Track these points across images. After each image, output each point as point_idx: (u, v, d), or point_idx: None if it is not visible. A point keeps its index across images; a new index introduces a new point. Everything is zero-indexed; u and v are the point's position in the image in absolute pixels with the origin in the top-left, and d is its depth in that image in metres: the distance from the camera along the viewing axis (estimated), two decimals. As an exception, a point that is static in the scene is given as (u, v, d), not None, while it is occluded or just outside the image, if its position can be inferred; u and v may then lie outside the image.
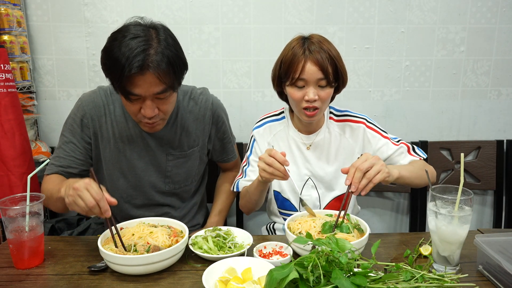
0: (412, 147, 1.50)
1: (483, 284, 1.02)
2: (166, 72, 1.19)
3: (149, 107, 1.23)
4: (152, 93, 1.21)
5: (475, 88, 2.14)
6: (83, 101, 1.43)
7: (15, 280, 1.07)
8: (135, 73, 1.15)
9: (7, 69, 1.68)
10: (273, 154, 1.23)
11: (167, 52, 1.19)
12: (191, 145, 1.49)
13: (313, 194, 1.51)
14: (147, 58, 1.15)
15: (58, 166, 1.40)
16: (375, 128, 1.50)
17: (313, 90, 1.33)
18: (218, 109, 1.54)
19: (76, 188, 1.07)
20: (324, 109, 1.42)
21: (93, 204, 1.05)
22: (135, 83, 1.18)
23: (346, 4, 2.01)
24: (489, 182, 2.10)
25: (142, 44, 1.15)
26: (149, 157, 1.45)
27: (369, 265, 0.89)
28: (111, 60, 1.17)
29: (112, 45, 1.18)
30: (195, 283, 1.04)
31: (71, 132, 1.41)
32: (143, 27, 1.20)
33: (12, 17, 1.79)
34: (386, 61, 2.09)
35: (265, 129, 1.55)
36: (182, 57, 1.26)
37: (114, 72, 1.18)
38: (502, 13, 2.05)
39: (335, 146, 1.50)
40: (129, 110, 1.29)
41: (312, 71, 1.31)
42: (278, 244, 1.20)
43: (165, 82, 1.20)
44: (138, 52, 1.14)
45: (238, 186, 1.53)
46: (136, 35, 1.17)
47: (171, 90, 1.25)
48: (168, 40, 1.21)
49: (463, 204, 1.03)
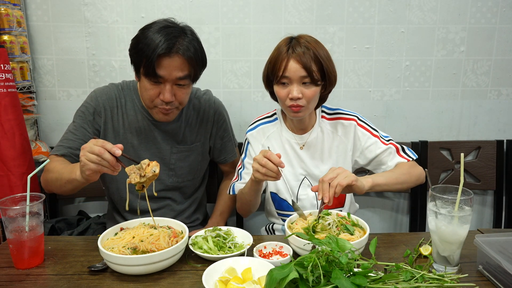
0: (402, 148, 1.50)
1: (483, 284, 1.02)
2: (192, 60, 1.33)
3: (169, 91, 1.34)
4: (175, 77, 1.33)
5: (475, 88, 2.14)
6: (97, 92, 1.52)
7: (15, 280, 1.07)
8: (165, 54, 1.28)
9: (7, 69, 1.68)
10: (268, 156, 1.23)
11: (195, 44, 1.35)
12: (193, 140, 1.58)
13: (310, 193, 1.51)
14: (178, 43, 1.31)
15: (67, 147, 1.44)
16: (366, 126, 1.50)
17: (296, 88, 1.34)
18: (219, 108, 1.63)
19: (83, 147, 1.13)
20: (312, 107, 1.42)
21: (102, 150, 1.10)
22: (162, 64, 1.30)
23: (346, 4, 2.01)
24: (489, 182, 2.10)
25: (176, 32, 1.32)
26: (155, 149, 1.52)
27: (369, 265, 0.89)
28: (145, 41, 1.30)
29: (147, 31, 1.32)
30: (195, 283, 1.04)
31: (83, 118, 1.48)
32: (175, 23, 1.37)
33: (12, 17, 1.79)
34: (386, 61, 2.09)
35: (259, 132, 1.56)
36: (204, 54, 1.41)
37: (147, 52, 1.29)
38: (502, 13, 2.05)
39: (328, 145, 1.51)
40: (148, 94, 1.37)
41: (294, 69, 1.33)
42: (278, 244, 1.20)
43: (188, 68, 1.33)
44: (171, 37, 1.30)
45: (234, 189, 1.53)
46: (170, 26, 1.34)
47: (190, 80, 1.37)
48: (195, 36, 1.38)
49: (463, 204, 1.03)
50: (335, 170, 1.23)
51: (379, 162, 1.49)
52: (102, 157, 1.10)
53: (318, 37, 1.43)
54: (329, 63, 1.37)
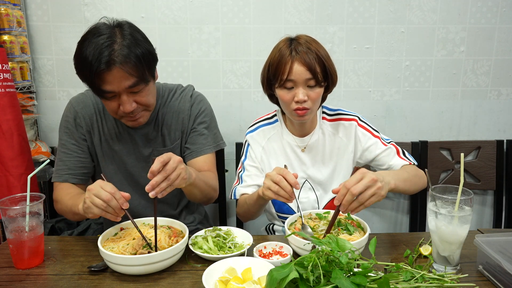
0: (402, 151, 1.48)
1: (483, 284, 1.02)
2: (134, 65, 1.20)
3: (126, 102, 1.25)
4: (124, 87, 1.22)
5: (475, 88, 2.14)
6: (73, 102, 1.47)
7: (15, 280, 1.07)
8: (103, 70, 1.17)
9: (6, 69, 1.68)
10: (284, 174, 1.17)
11: (132, 46, 1.21)
12: (173, 138, 1.49)
13: (311, 196, 1.50)
14: (112, 54, 1.17)
15: (66, 170, 1.41)
16: (367, 127, 1.49)
17: (302, 91, 1.31)
18: (197, 101, 1.51)
19: (90, 189, 1.09)
20: (315, 109, 1.40)
21: (109, 197, 1.07)
22: (105, 80, 1.20)
23: (346, 4, 2.01)
24: (489, 182, 2.10)
25: (107, 41, 1.18)
26: (137, 153, 1.47)
27: (369, 265, 0.89)
28: (80, 60, 1.21)
29: (81, 47, 1.21)
30: (195, 283, 1.04)
31: (68, 134, 1.44)
32: (107, 26, 1.23)
33: (12, 17, 1.78)
34: (386, 61, 2.09)
35: (259, 134, 1.54)
36: (149, 49, 1.27)
37: (84, 72, 1.21)
38: (502, 13, 2.05)
39: (329, 147, 1.49)
40: (109, 108, 1.31)
41: (300, 71, 1.30)
42: (278, 244, 1.20)
43: (134, 75, 1.21)
44: (103, 49, 1.17)
45: (236, 193, 1.50)
46: (100, 34, 1.20)
47: (143, 83, 1.26)
48: (133, 34, 1.24)
49: (463, 204, 1.03)
50: (364, 180, 1.08)
51: (378, 162, 1.48)
52: (109, 204, 1.08)
53: (318, 37, 1.43)
54: (330, 63, 1.36)
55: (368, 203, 1.10)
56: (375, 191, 1.09)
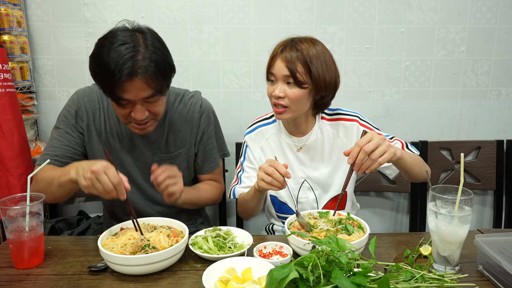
0: (406, 144, 1.48)
1: (483, 284, 1.02)
2: (154, 77, 1.20)
3: (140, 110, 1.26)
4: (141, 97, 1.23)
5: (475, 88, 2.15)
6: (79, 94, 1.46)
7: (15, 280, 1.07)
8: (124, 80, 1.16)
9: (6, 69, 1.68)
10: (275, 165, 1.22)
11: (154, 57, 1.20)
12: (178, 146, 1.49)
13: (310, 196, 1.50)
14: (135, 65, 1.16)
15: (54, 155, 1.38)
16: (369, 126, 1.48)
17: (280, 87, 1.34)
18: (206, 112, 1.52)
19: (94, 171, 1.07)
20: (296, 110, 1.36)
21: (111, 188, 1.08)
22: (124, 89, 1.19)
23: (346, 4, 2.01)
24: (489, 182, 2.10)
25: (130, 51, 1.17)
26: (137, 154, 1.47)
27: (369, 265, 0.89)
28: (101, 66, 1.18)
29: (101, 52, 1.19)
30: (195, 283, 1.04)
31: (65, 123, 1.43)
32: (130, 33, 1.22)
33: (12, 17, 1.78)
34: (386, 61, 2.09)
35: (257, 134, 1.54)
36: (169, 60, 1.27)
37: (104, 79, 1.19)
38: (502, 13, 2.05)
39: (329, 146, 1.49)
40: (119, 113, 1.31)
41: (279, 67, 1.33)
42: (278, 244, 1.20)
43: (153, 87, 1.22)
44: (127, 59, 1.15)
45: (235, 193, 1.51)
46: (124, 41, 1.18)
47: (160, 94, 1.26)
48: (155, 45, 1.23)
49: (463, 204, 1.03)
50: (374, 139, 1.16)
51: None
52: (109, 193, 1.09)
53: (318, 37, 1.42)
54: (320, 68, 1.31)
55: (381, 159, 1.15)
56: (385, 148, 1.16)
